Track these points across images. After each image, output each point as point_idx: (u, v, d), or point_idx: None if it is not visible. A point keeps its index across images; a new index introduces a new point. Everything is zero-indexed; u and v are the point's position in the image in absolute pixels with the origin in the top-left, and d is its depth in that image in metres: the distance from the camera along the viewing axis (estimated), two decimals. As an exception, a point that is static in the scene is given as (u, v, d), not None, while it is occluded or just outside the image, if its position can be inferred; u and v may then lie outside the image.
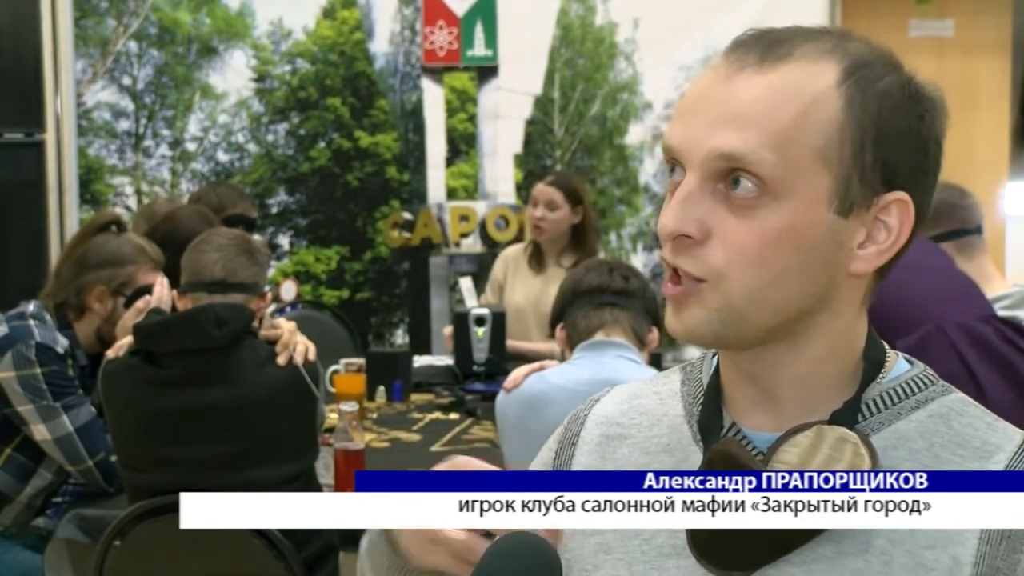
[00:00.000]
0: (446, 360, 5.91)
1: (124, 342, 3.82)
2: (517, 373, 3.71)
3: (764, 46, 1.37)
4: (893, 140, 1.36)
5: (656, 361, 4.01)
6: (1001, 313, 3.80)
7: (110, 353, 3.84)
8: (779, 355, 1.41)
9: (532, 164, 7.88)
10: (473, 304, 5.98)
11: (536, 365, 3.74)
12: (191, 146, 7.78)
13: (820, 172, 1.34)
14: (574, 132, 7.85)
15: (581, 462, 1.59)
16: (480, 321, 5.70)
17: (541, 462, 1.65)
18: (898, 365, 1.47)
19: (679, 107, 1.40)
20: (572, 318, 3.69)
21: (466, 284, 6.17)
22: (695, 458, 1.46)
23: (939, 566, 1.35)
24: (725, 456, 1.38)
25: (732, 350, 1.44)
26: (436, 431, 4.95)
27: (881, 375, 1.44)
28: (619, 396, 1.63)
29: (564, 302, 3.74)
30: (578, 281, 3.74)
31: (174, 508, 3.64)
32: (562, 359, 3.79)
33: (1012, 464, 1.38)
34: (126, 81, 7.71)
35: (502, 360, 5.66)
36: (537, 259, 6.13)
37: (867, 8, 7.89)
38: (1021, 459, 1.38)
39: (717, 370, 1.50)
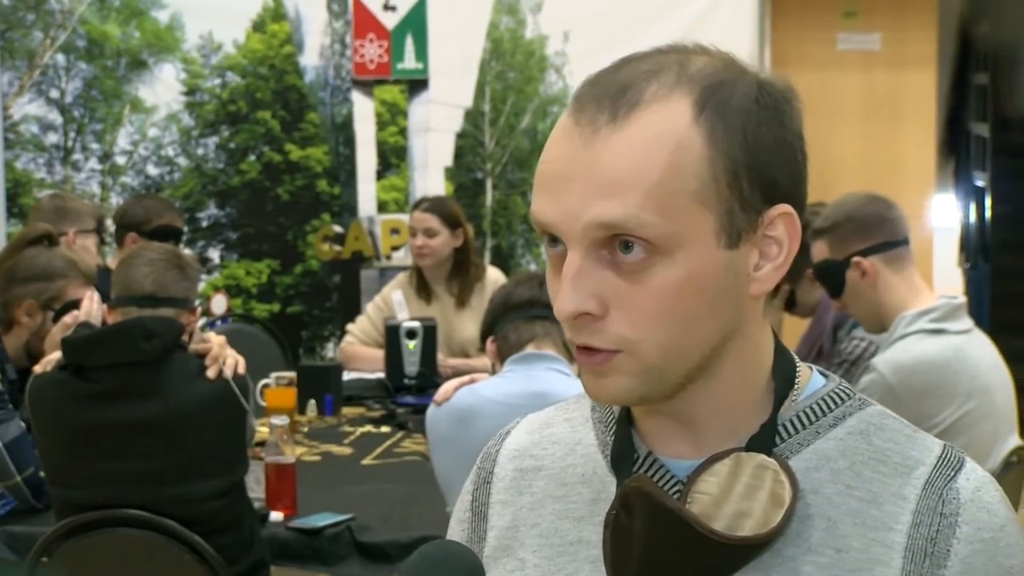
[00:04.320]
0: (377, 374, 5.90)
1: (52, 357, 3.79)
2: (447, 386, 3.71)
3: (611, 99, 1.32)
4: (763, 158, 1.33)
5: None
6: (928, 326, 3.83)
7: (38, 368, 3.81)
8: (694, 392, 1.38)
9: (463, 177, 7.89)
10: (404, 317, 5.98)
11: (467, 378, 3.74)
12: (121, 160, 7.73)
13: (702, 214, 1.31)
14: (505, 145, 7.86)
15: (498, 499, 1.54)
16: (411, 334, 5.70)
17: (462, 507, 1.59)
18: (813, 380, 1.45)
19: (540, 177, 1.35)
20: (503, 331, 3.69)
21: (397, 297, 6.15)
22: (612, 489, 1.42)
23: None
24: (639, 494, 1.34)
25: (653, 403, 1.40)
26: (367, 445, 4.94)
27: (795, 392, 1.42)
28: (530, 426, 1.58)
29: (495, 315, 3.74)
30: (509, 294, 3.74)
31: (103, 524, 3.61)
32: (493, 372, 3.79)
33: (932, 478, 1.37)
34: (54, 94, 7.66)
35: (433, 373, 5.66)
36: (424, 288, 6.15)
37: (796, 22, 7.96)
38: (940, 472, 1.37)
39: None
